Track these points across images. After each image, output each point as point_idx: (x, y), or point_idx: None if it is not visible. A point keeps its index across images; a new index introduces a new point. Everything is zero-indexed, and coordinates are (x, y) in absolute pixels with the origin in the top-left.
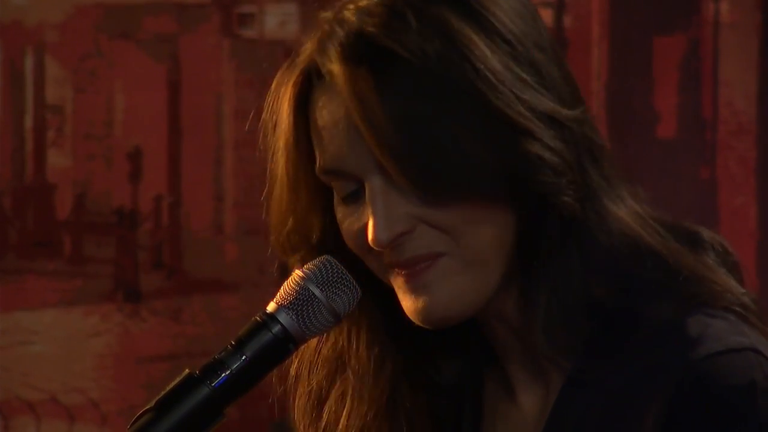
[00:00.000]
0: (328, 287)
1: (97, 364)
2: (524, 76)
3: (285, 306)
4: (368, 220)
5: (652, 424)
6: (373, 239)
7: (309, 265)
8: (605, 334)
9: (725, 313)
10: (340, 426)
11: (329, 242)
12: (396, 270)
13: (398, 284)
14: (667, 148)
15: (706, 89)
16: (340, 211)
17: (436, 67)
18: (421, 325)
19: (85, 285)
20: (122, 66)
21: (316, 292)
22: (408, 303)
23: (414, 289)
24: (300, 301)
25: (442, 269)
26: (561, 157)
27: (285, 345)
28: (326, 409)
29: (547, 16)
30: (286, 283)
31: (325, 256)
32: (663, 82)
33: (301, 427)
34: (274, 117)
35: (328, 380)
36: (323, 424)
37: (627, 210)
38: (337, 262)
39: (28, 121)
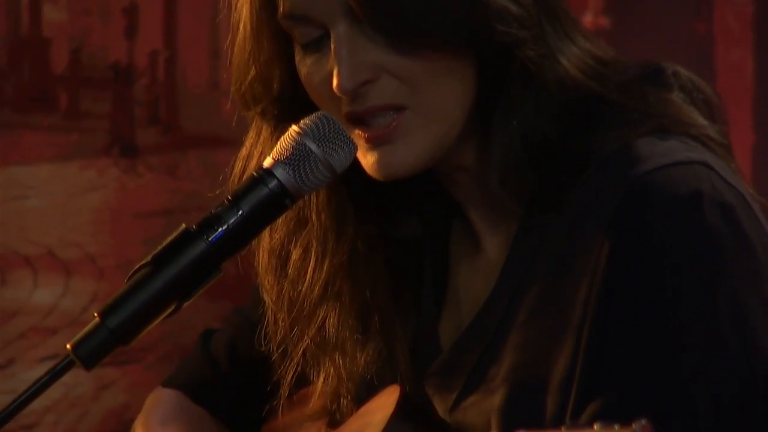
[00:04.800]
0: (324, 142)
1: (93, 218)
2: None
3: (282, 161)
4: (332, 68)
5: (599, 247)
6: (337, 86)
7: (306, 120)
8: (558, 176)
9: (685, 137)
10: (306, 281)
11: (290, 94)
12: (357, 130)
13: (360, 143)
14: (664, 2)
15: None
16: (301, 62)
17: None
18: (380, 179)
19: (82, 140)
20: None
21: (313, 147)
22: (368, 160)
23: (375, 147)
24: (297, 156)
25: (406, 128)
26: (526, 11)
27: (281, 200)
28: (290, 265)
29: None
30: (282, 138)
31: (322, 112)
32: None
33: (266, 283)
34: None
35: (289, 237)
36: (289, 279)
37: (584, 66)
38: (334, 118)
39: None
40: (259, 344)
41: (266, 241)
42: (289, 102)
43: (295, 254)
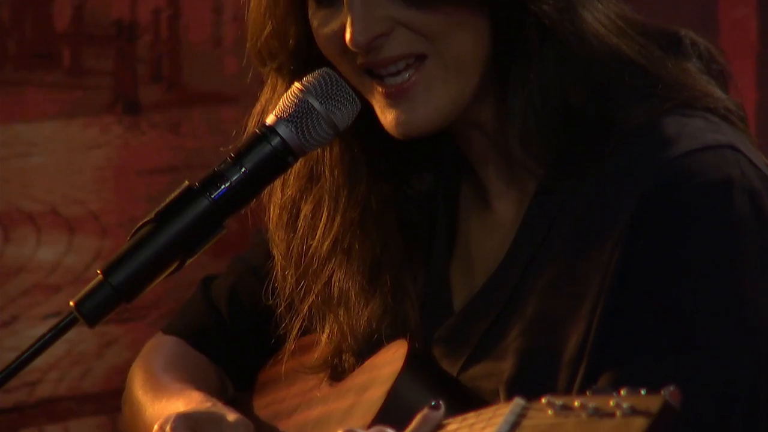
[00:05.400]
0: (327, 100)
1: (96, 176)
2: None
3: (284, 119)
4: (345, 21)
5: (623, 225)
6: (350, 39)
7: (308, 77)
8: (580, 142)
9: (705, 113)
10: (316, 236)
11: (305, 49)
12: (375, 85)
13: (377, 99)
14: None
15: None
16: (314, 16)
17: None
18: (399, 137)
19: (85, 97)
20: None
21: (316, 104)
22: (387, 117)
23: (394, 104)
24: (299, 113)
25: (426, 80)
26: None
27: (284, 157)
28: (300, 220)
29: None
30: (285, 95)
31: (325, 69)
32: None
33: (277, 238)
34: None
35: (301, 193)
36: (299, 234)
37: (606, 21)
38: (337, 75)
39: None
40: (266, 298)
41: (278, 197)
42: (304, 57)
43: (307, 209)
